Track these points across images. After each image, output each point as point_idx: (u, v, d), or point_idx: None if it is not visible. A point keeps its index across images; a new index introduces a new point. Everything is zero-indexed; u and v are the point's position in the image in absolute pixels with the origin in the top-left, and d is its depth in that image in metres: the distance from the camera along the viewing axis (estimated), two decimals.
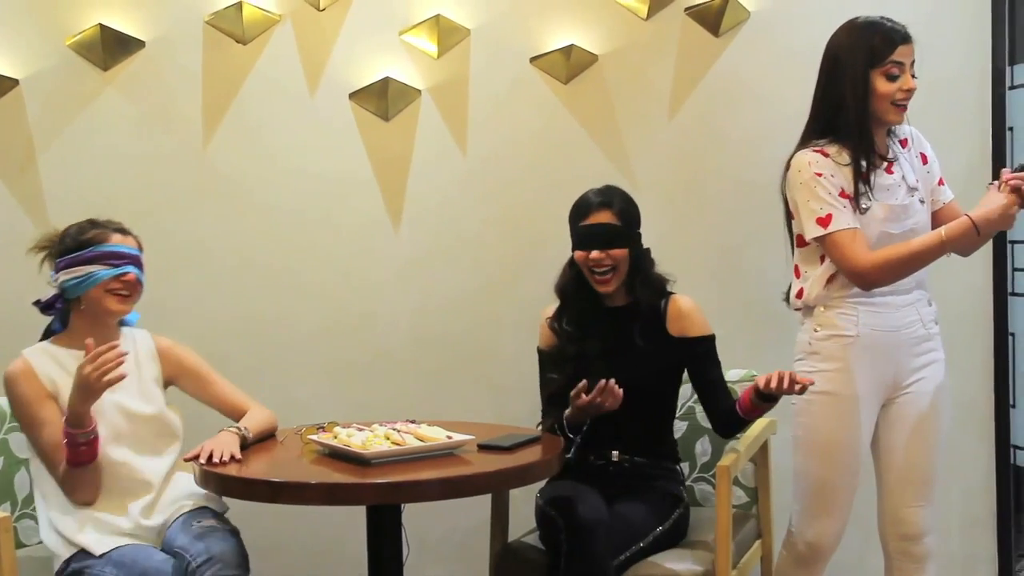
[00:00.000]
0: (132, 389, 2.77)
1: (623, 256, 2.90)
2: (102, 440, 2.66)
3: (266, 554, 2.97)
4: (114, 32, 3.46)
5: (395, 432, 2.68)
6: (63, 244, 2.77)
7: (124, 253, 2.76)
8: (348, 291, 3.61)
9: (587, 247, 2.89)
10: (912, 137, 2.89)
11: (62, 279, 2.75)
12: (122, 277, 2.74)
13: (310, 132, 3.58)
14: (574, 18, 3.55)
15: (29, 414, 2.70)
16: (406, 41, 3.55)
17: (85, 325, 2.76)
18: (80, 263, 2.72)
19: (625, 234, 2.91)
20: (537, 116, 3.58)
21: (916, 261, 2.71)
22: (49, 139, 3.51)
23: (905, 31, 2.78)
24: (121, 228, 2.81)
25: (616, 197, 2.94)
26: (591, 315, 2.96)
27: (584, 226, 2.90)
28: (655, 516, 2.86)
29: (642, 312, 2.94)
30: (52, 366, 2.74)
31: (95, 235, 2.76)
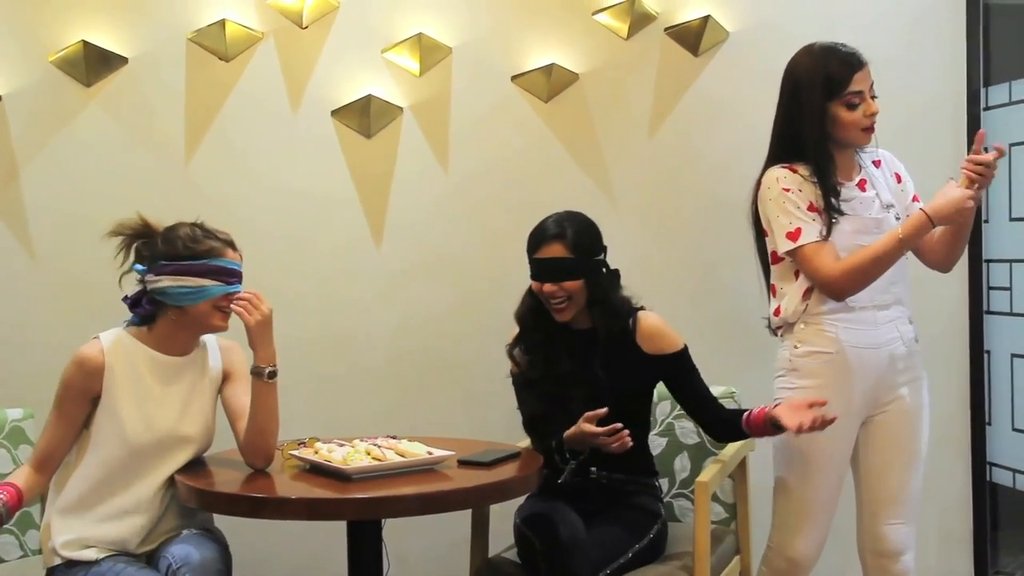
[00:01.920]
0: (193, 407, 2.73)
1: (578, 287, 2.87)
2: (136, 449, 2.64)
3: (248, 570, 2.97)
4: (97, 49, 3.47)
5: (376, 447, 2.69)
6: (172, 247, 2.68)
7: (237, 271, 2.71)
8: (329, 307, 3.62)
9: (540, 279, 2.90)
10: (885, 159, 2.93)
11: (166, 284, 2.66)
12: (228, 297, 2.69)
13: (292, 149, 3.60)
14: (555, 37, 3.59)
15: (61, 398, 2.66)
16: (388, 59, 3.58)
17: (173, 330, 2.70)
18: (193, 274, 2.65)
19: (578, 266, 2.86)
20: (518, 134, 3.61)
21: (879, 263, 2.73)
22: (32, 154, 3.51)
23: (859, 57, 2.79)
24: (232, 242, 2.74)
25: (570, 228, 2.88)
26: (558, 338, 2.95)
27: (537, 259, 2.90)
28: (633, 532, 2.87)
29: (607, 335, 2.92)
30: (122, 358, 2.66)
31: (212, 248, 2.68)
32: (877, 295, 2.79)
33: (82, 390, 2.65)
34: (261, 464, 2.72)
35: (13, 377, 3.43)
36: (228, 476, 2.67)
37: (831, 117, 2.77)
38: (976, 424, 3.65)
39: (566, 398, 2.89)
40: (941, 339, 3.58)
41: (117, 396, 2.64)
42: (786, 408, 2.72)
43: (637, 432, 3.02)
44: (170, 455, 2.69)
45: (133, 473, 2.66)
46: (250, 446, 2.71)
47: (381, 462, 2.62)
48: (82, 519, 2.63)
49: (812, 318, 2.81)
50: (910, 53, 3.59)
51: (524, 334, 2.97)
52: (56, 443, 2.67)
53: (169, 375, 2.71)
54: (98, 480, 2.65)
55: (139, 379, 2.67)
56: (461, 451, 2.76)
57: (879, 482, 2.85)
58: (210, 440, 2.79)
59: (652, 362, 2.94)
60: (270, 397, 2.70)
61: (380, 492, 2.50)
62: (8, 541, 2.97)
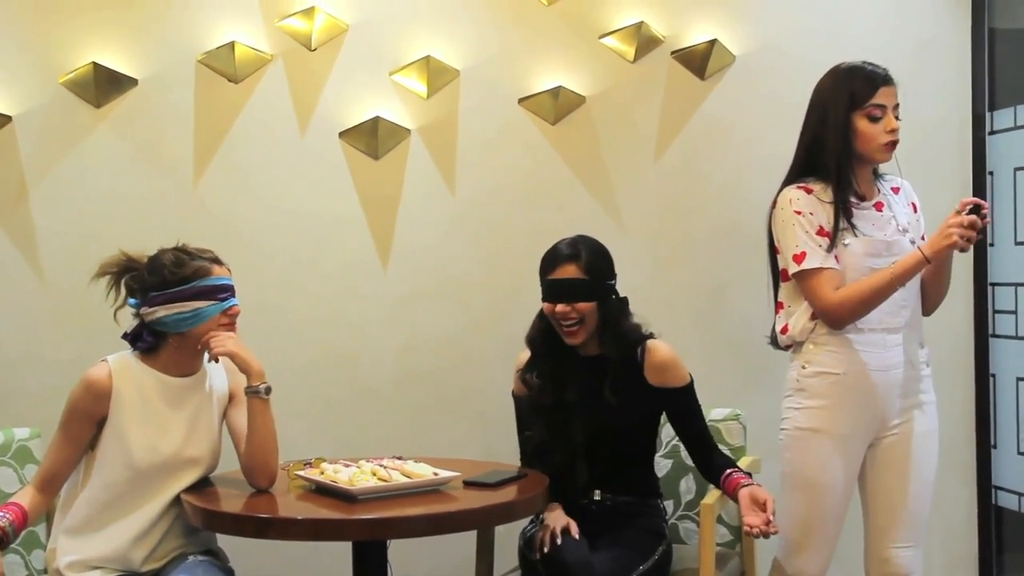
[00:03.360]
0: (200, 429, 2.74)
1: (590, 309, 2.89)
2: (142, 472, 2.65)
3: None
4: (107, 70, 3.49)
5: (382, 468, 2.69)
6: (158, 276, 2.68)
7: (227, 286, 2.71)
8: (336, 328, 3.63)
9: (553, 300, 2.90)
10: (904, 188, 2.95)
11: (161, 314, 2.67)
12: (229, 311, 2.71)
13: (300, 170, 3.61)
14: (562, 60, 3.61)
15: (67, 420, 2.67)
16: (396, 81, 3.60)
17: (178, 354, 2.72)
18: (184, 299, 2.66)
19: (591, 288, 2.89)
20: (525, 156, 3.63)
21: (874, 297, 2.74)
22: (41, 176, 3.53)
23: (886, 74, 2.84)
24: (216, 258, 2.75)
25: (584, 250, 2.91)
26: (566, 364, 2.96)
27: (551, 280, 2.91)
28: (638, 554, 2.86)
29: (615, 363, 2.93)
30: (129, 382, 2.68)
31: (197, 268, 2.69)
32: (887, 318, 2.80)
33: (88, 412, 2.65)
34: (264, 484, 2.72)
35: (20, 396, 3.44)
36: (234, 496, 2.68)
37: (854, 128, 2.79)
38: (981, 447, 3.64)
39: (569, 426, 2.89)
40: (946, 362, 3.58)
41: (124, 420, 2.65)
42: (748, 497, 2.77)
43: (642, 454, 3.03)
44: (176, 477, 2.70)
45: (139, 495, 2.67)
46: (252, 466, 2.72)
47: (387, 483, 2.62)
48: (88, 540, 2.64)
49: (821, 338, 2.82)
50: (915, 77, 3.59)
51: (536, 358, 2.98)
52: (60, 464, 2.67)
53: (177, 398, 2.72)
54: (104, 502, 2.65)
55: (146, 402, 2.67)
56: (467, 472, 2.77)
57: (886, 505, 2.85)
58: (217, 460, 2.80)
59: (656, 394, 2.94)
60: (267, 415, 2.72)
61: (386, 513, 2.50)
62: (14, 561, 2.96)
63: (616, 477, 2.94)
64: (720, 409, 3.24)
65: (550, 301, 2.91)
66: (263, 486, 2.72)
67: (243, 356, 2.70)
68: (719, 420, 3.22)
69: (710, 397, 3.20)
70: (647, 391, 2.94)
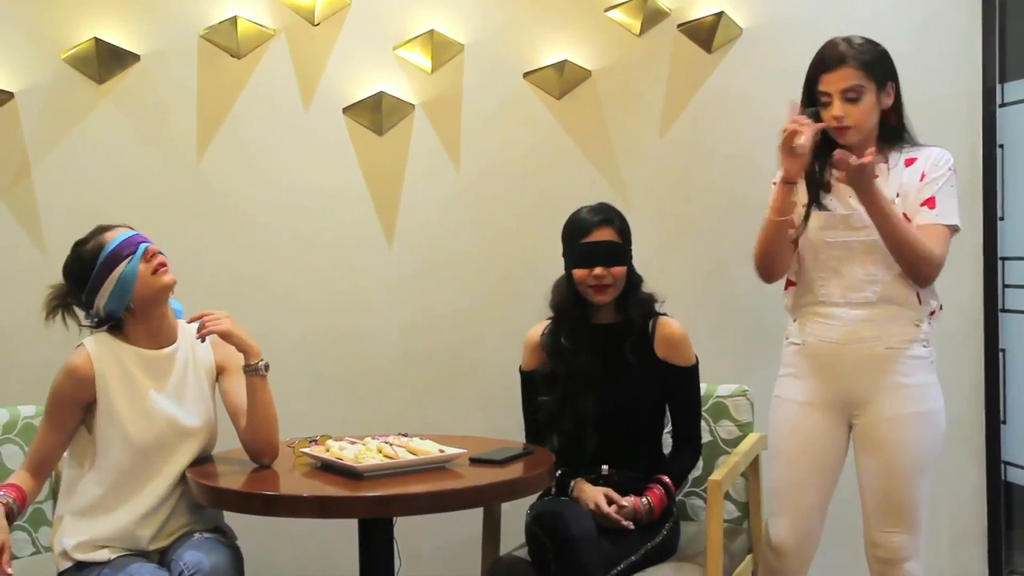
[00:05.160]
0: (188, 398, 2.72)
1: (622, 273, 2.91)
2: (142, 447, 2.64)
3: (258, 568, 2.97)
4: (109, 46, 3.47)
5: (387, 445, 2.68)
6: (75, 280, 2.68)
7: (129, 239, 2.67)
8: (341, 305, 3.62)
9: (589, 264, 2.90)
10: (921, 158, 2.82)
11: (101, 303, 2.65)
12: (147, 255, 2.66)
13: (304, 146, 3.59)
14: (567, 34, 3.58)
15: (52, 408, 2.66)
16: (400, 56, 3.57)
17: (142, 323, 2.70)
18: (104, 275, 2.64)
19: (625, 251, 2.94)
20: (530, 131, 3.60)
21: (761, 237, 2.84)
22: (44, 152, 3.52)
23: (836, 57, 2.77)
24: (103, 227, 2.71)
25: (615, 215, 2.96)
26: (581, 333, 2.97)
27: (586, 243, 2.90)
28: (645, 531, 2.86)
29: (631, 331, 2.95)
30: (109, 361, 2.66)
31: (92, 247, 2.67)
32: (849, 292, 2.79)
33: (73, 399, 2.65)
34: (268, 460, 2.72)
35: (25, 373, 3.43)
36: (240, 474, 2.67)
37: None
38: (991, 423, 3.62)
39: (581, 396, 2.89)
40: (955, 337, 3.56)
41: (113, 399, 2.64)
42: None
43: (650, 429, 3.02)
44: (176, 451, 2.69)
45: (142, 474, 2.66)
46: (255, 443, 2.71)
47: (393, 460, 2.61)
48: (95, 521, 2.64)
49: (793, 311, 2.92)
50: (924, 49, 3.56)
51: (560, 325, 2.97)
52: (49, 450, 2.67)
53: (158, 369, 2.70)
54: (110, 484, 2.65)
55: (130, 379, 2.66)
56: (473, 449, 2.75)
57: (870, 490, 2.82)
58: (213, 433, 2.78)
59: (660, 366, 2.94)
60: (267, 391, 2.71)
61: (392, 490, 2.49)
62: (21, 538, 2.97)
63: (624, 452, 2.93)
64: (727, 385, 3.22)
65: (585, 265, 2.90)
66: (266, 462, 2.72)
67: (238, 335, 2.69)
68: (726, 396, 3.21)
69: (717, 373, 3.19)
70: (655, 362, 2.95)
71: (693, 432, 3.02)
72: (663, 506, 2.87)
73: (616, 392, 2.91)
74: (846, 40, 2.80)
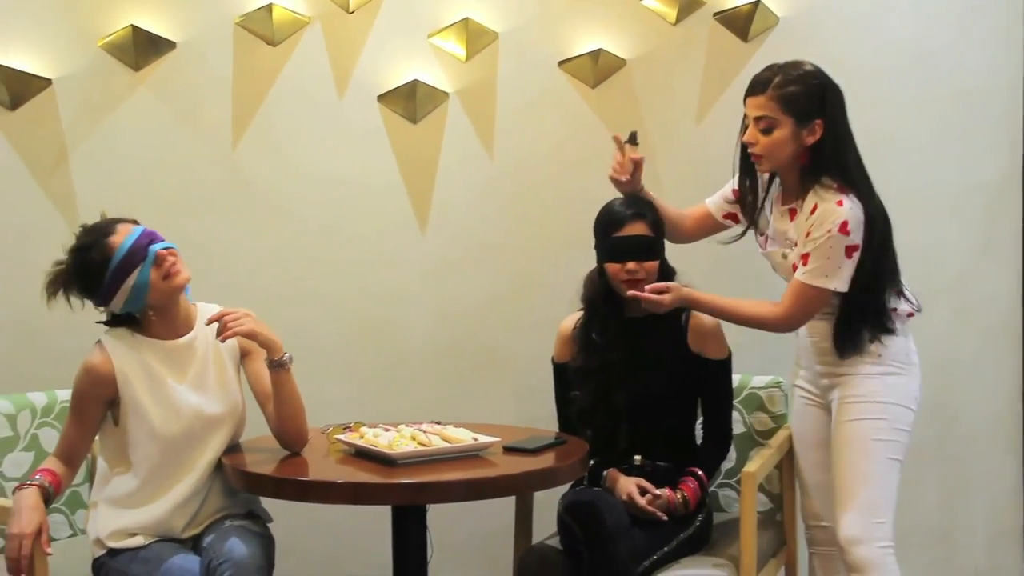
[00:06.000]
0: (211, 385, 2.72)
1: (655, 268, 2.90)
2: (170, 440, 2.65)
3: (290, 554, 2.98)
4: (146, 33, 3.48)
5: (421, 433, 2.69)
6: (84, 286, 2.64)
7: (137, 242, 2.62)
8: (374, 294, 3.62)
9: (622, 259, 2.89)
10: (820, 212, 2.75)
11: (119, 307, 2.64)
12: (159, 261, 2.62)
13: (338, 134, 3.59)
14: (603, 22, 3.56)
15: (76, 406, 2.68)
16: (435, 44, 3.57)
17: (158, 319, 2.69)
18: (119, 280, 2.60)
19: (658, 245, 2.93)
20: (564, 120, 3.59)
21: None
22: (81, 139, 3.53)
23: (756, 83, 2.81)
24: (105, 230, 2.64)
25: (648, 208, 2.94)
26: (613, 326, 2.96)
27: (619, 238, 2.89)
28: (678, 521, 2.86)
29: (663, 324, 2.94)
30: (129, 357, 2.66)
31: (99, 255, 2.61)
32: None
33: (95, 397, 2.66)
34: (298, 447, 2.74)
35: (62, 359, 3.43)
36: (274, 460, 2.68)
37: None
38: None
39: (613, 389, 2.88)
40: (991, 331, 3.53)
41: (137, 397, 2.64)
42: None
43: (682, 421, 3.01)
44: (206, 440, 2.69)
45: (174, 466, 2.67)
46: (285, 433, 2.73)
47: (427, 447, 2.62)
48: (128, 512, 2.66)
49: None
50: (963, 37, 3.52)
51: (592, 319, 2.96)
52: (76, 444, 2.68)
53: (179, 360, 2.70)
54: (142, 478, 2.66)
55: (152, 373, 2.66)
56: (506, 438, 2.76)
57: (833, 468, 2.86)
58: (241, 417, 2.78)
59: (692, 359, 2.93)
60: (292, 382, 2.71)
61: (425, 477, 2.50)
62: (58, 521, 3.00)
63: (656, 443, 2.93)
64: (761, 377, 3.21)
65: (618, 260, 2.89)
66: (297, 449, 2.74)
67: (263, 334, 2.67)
68: (760, 388, 3.20)
69: (751, 364, 3.17)
70: (688, 355, 2.93)
71: (725, 425, 3.00)
72: (697, 499, 2.85)
73: (649, 386, 2.90)
74: (780, 68, 2.81)
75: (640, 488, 2.82)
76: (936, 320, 3.41)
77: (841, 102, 2.81)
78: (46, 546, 2.48)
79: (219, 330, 2.64)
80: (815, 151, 2.78)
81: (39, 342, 3.49)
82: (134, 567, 2.59)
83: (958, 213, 3.55)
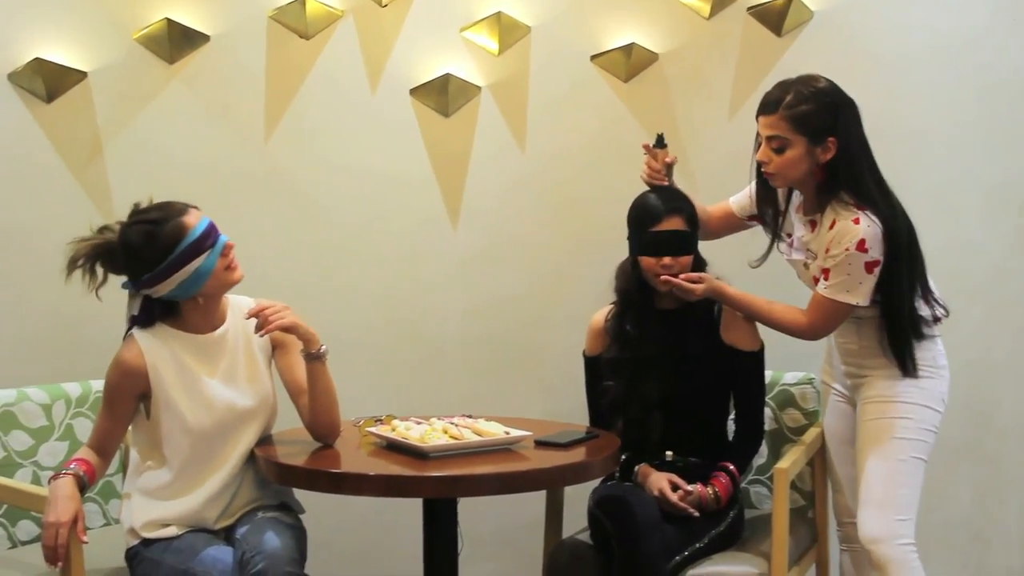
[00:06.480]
0: (242, 378, 2.73)
1: (689, 262, 2.90)
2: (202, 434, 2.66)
3: (321, 547, 2.99)
4: (180, 26, 3.50)
5: (453, 426, 2.69)
6: (139, 259, 2.61)
7: (209, 229, 2.64)
8: (405, 287, 3.63)
9: (658, 253, 2.88)
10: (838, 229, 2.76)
11: (168, 290, 2.62)
12: (226, 251, 2.65)
13: (370, 128, 3.60)
14: (635, 16, 3.55)
15: (108, 399, 2.70)
16: (467, 38, 3.57)
17: (198, 311, 2.70)
18: (181, 265, 2.60)
19: (694, 239, 2.92)
20: (596, 114, 3.58)
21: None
22: (115, 131, 3.55)
23: (769, 101, 2.81)
24: (182, 208, 2.65)
25: (684, 202, 2.94)
26: (646, 318, 2.95)
27: (656, 232, 2.88)
28: (710, 517, 2.85)
29: (696, 316, 2.94)
30: (160, 351, 2.67)
31: (172, 232, 2.60)
32: None
33: (127, 391, 2.67)
34: (331, 440, 2.75)
35: (97, 350, 3.46)
36: (306, 452, 2.70)
37: None
38: None
39: (645, 382, 2.88)
40: None
41: (169, 391, 2.66)
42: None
43: (715, 416, 3.00)
44: (238, 434, 2.71)
45: (206, 460, 2.68)
46: (319, 426, 2.74)
47: (459, 441, 2.62)
48: (161, 504, 2.67)
49: None
50: (998, 30, 3.49)
51: (626, 311, 2.95)
52: (108, 436, 2.70)
53: (211, 354, 2.71)
54: (174, 472, 2.68)
55: (183, 368, 2.67)
56: (537, 432, 2.76)
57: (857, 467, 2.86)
58: (272, 410, 2.78)
59: (726, 351, 2.92)
60: (328, 375, 2.72)
61: (458, 471, 2.50)
62: (92, 510, 3.02)
63: (688, 438, 2.92)
64: (793, 373, 3.20)
65: (654, 255, 2.88)
66: (330, 442, 2.75)
67: (302, 327, 2.68)
68: (792, 384, 3.19)
69: (784, 361, 3.16)
70: (721, 348, 2.93)
71: (757, 418, 2.99)
72: (729, 495, 2.85)
73: (681, 377, 2.89)
74: (791, 86, 2.80)
75: (671, 484, 2.82)
76: (969, 318, 3.39)
77: (856, 118, 2.79)
78: (82, 535, 2.51)
79: (259, 324, 2.64)
80: (830, 168, 2.77)
81: (73, 333, 3.52)
82: (168, 557, 2.61)
83: (991, 209, 3.52)
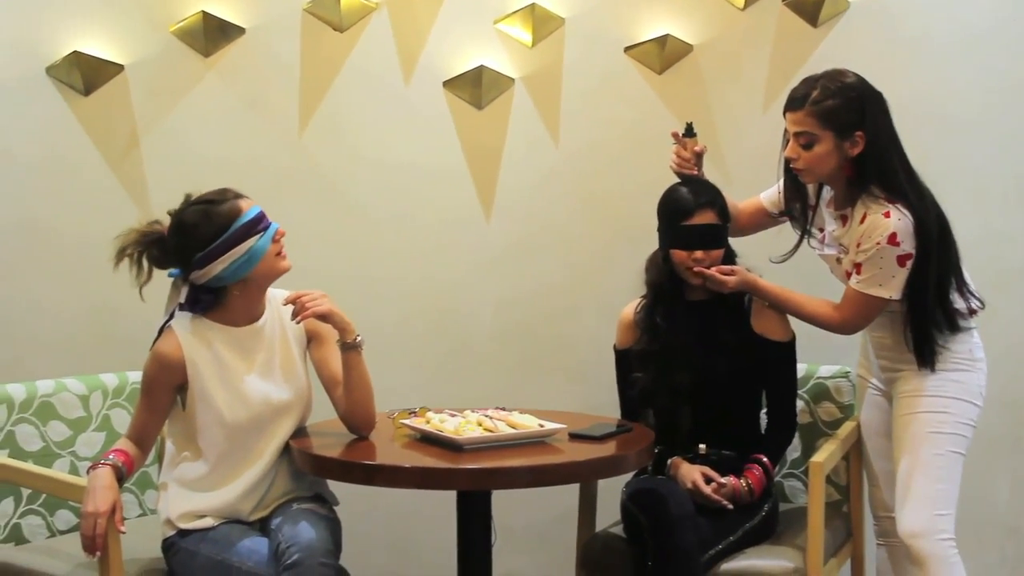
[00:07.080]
0: (279, 371, 2.74)
1: (720, 255, 2.89)
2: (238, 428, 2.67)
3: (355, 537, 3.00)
4: (216, 19, 3.51)
5: (487, 419, 2.69)
6: (193, 237, 2.62)
7: (261, 214, 2.67)
8: (439, 280, 3.63)
9: (689, 247, 2.87)
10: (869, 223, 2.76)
11: (218, 270, 2.62)
12: (277, 237, 2.68)
13: (404, 120, 3.60)
14: (670, 7, 3.53)
15: (146, 391, 2.71)
16: (501, 30, 3.56)
17: (243, 300, 2.70)
18: (234, 244, 2.62)
19: (725, 232, 2.92)
20: (630, 106, 3.57)
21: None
22: (151, 124, 3.57)
23: (796, 97, 2.79)
24: (238, 193, 2.69)
25: (716, 195, 2.93)
26: (676, 310, 2.94)
27: (688, 226, 2.87)
28: (744, 511, 2.84)
29: (726, 307, 2.93)
30: (197, 344, 2.68)
31: (229, 210, 2.63)
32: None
33: (165, 383, 2.68)
34: (366, 431, 2.76)
35: (133, 342, 3.48)
36: (340, 444, 2.70)
37: None
38: None
39: (676, 373, 2.87)
40: None
41: (206, 384, 2.67)
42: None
43: (746, 408, 2.99)
44: (273, 427, 2.72)
45: (242, 453, 2.70)
46: (354, 417, 2.74)
47: (493, 433, 2.63)
48: (197, 496, 2.69)
49: None
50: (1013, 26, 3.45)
51: (657, 303, 2.95)
52: (146, 427, 2.72)
53: (248, 347, 2.72)
54: (210, 465, 2.69)
55: (221, 361, 2.68)
56: (571, 425, 2.76)
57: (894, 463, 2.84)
58: (308, 403, 2.79)
59: (757, 341, 2.91)
60: (363, 365, 2.73)
61: (492, 463, 2.51)
62: (128, 500, 3.05)
63: (720, 430, 2.91)
64: (828, 366, 3.18)
65: (685, 248, 2.88)
66: (365, 434, 2.76)
67: (338, 315, 2.69)
68: (827, 377, 3.17)
69: (818, 354, 3.14)
70: (752, 338, 2.92)
71: (789, 410, 2.98)
72: (763, 487, 2.83)
73: (712, 368, 2.88)
74: (818, 81, 2.79)
75: (705, 476, 2.81)
76: (1007, 308, 3.35)
77: (884, 111, 2.78)
78: (120, 524, 2.53)
79: (295, 311, 2.65)
80: (859, 162, 2.76)
81: (110, 325, 3.55)
82: (203, 548, 2.63)
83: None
